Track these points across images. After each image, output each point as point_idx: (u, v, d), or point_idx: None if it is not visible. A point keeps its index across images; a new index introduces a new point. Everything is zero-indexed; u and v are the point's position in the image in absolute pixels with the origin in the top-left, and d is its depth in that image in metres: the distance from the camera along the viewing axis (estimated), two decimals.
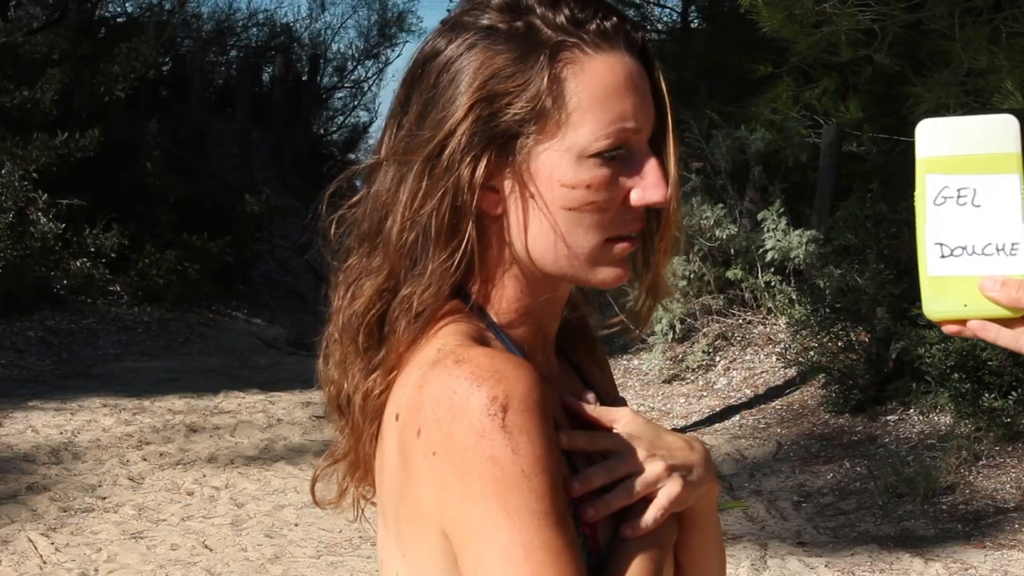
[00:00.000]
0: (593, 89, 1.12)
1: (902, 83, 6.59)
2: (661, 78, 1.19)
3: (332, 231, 1.21)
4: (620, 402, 1.30)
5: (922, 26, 6.17)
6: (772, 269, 8.42)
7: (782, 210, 8.31)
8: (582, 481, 1.12)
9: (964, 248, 1.09)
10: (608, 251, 1.16)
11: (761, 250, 8.32)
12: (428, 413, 1.06)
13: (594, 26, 1.13)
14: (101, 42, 11.74)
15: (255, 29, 19.99)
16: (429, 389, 1.06)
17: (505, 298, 1.19)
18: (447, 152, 1.12)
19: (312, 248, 1.26)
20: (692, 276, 8.52)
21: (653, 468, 1.15)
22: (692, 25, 15.54)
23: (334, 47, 21.27)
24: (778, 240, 8.17)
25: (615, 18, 1.15)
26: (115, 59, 10.89)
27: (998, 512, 5.68)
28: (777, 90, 9.21)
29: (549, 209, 1.14)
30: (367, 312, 1.17)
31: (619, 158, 1.14)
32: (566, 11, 1.13)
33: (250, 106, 14.96)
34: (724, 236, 8.51)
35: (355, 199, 1.21)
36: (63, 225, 9.79)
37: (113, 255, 10.24)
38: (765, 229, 8.30)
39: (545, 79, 1.12)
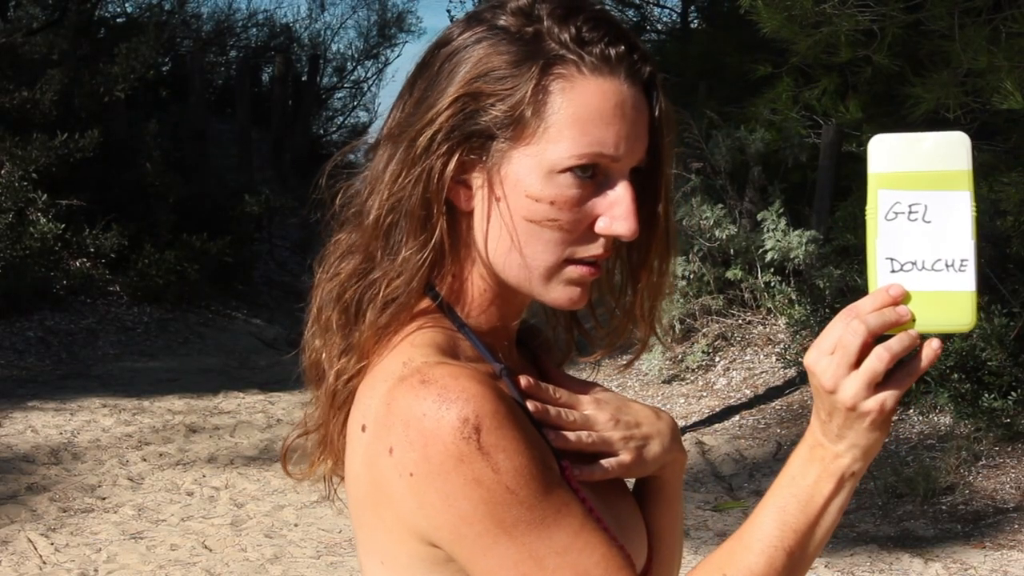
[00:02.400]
0: (577, 108, 1.12)
1: (902, 83, 6.59)
2: (663, 115, 1.18)
3: (337, 201, 1.22)
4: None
5: (921, 26, 6.17)
6: (772, 269, 8.42)
7: (782, 210, 8.31)
8: (557, 441, 1.15)
9: (914, 263, 1.09)
10: (565, 271, 1.16)
11: (761, 250, 8.32)
12: (399, 434, 1.06)
13: (598, 49, 1.13)
14: (101, 42, 11.74)
15: (255, 29, 19.99)
16: (397, 408, 1.07)
17: (473, 295, 1.19)
18: (424, 140, 1.13)
19: (317, 249, 1.26)
20: (692, 276, 8.52)
21: (612, 433, 1.19)
22: (692, 25, 15.54)
23: (334, 47, 21.30)
24: (778, 240, 8.17)
25: (623, 46, 1.14)
26: (115, 59, 10.89)
27: (998, 512, 5.68)
28: (777, 90, 9.22)
29: (511, 216, 1.14)
30: (343, 291, 1.18)
31: (593, 182, 1.14)
32: (573, 28, 1.13)
33: (250, 106, 14.95)
34: (724, 236, 8.51)
35: (359, 172, 1.23)
36: (63, 225, 9.78)
37: (113, 255, 10.24)
38: (765, 229, 8.30)
39: (531, 88, 1.12)
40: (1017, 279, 6.67)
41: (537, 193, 1.13)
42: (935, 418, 6.63)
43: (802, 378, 7.59)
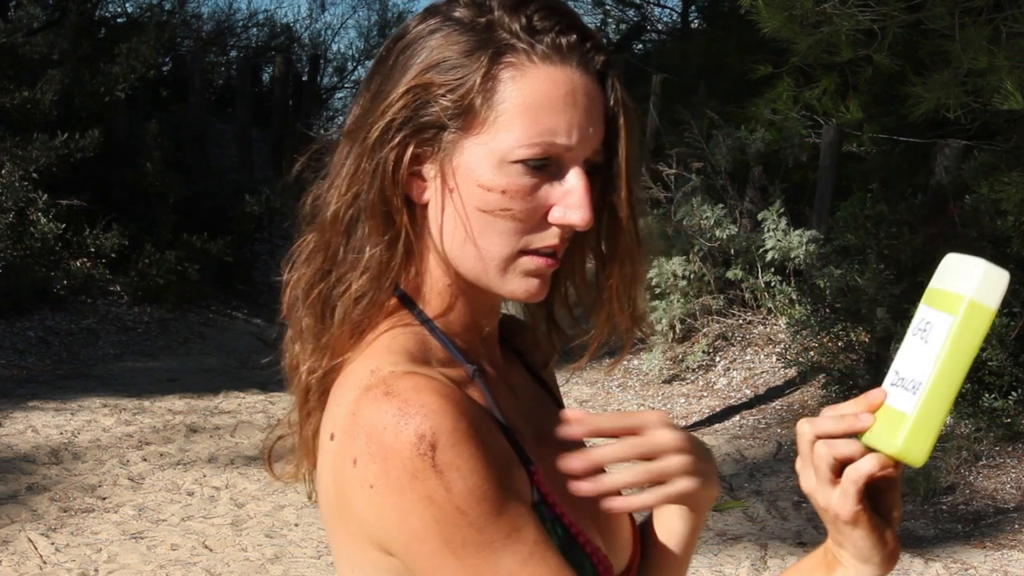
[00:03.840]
0: (528, 97, 1.11)
1: (902, 83, 6.59)
2: (620, 105, 1.16)
3: (306, 202, 1.22)
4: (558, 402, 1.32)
5: (922, 26, 6.17)
6: (772, 269, 8.42)
7: (782, 210, 8.30)
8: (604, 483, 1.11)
9: (903, 379, 1.08)
10: (520, 263, 1.15)
11: (761, 250, 8.32)
12: (362, 445, 1.06)
13: (549, 38, 1.12)
14: (101, 42, 11.73)
15: (255, 29, 19.99)
16: (361, 419, 1.07)
17: (437, 291, 1.18)
18: (377, 132, 1.13)
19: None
20: (692, 276, 8.52)
21: (677, 463, 1.14)
22: (692, 25, 15.55)
23: (334, 47, 21.31)
24: (778, 240, 8.17)
25: (575, 35, 1.13)
26: (115, 59, 10.88)
27: (998, 512, 5.68)
28: (777, 90, 9.22)
29: (465, 207, 1.13)
30: (310, 291, 1.18)
31: (546, 172, 1.13)
32: (524, 17, 1.13)
33: (250, 106, 14.95)
34: (724, 236, 8.51)
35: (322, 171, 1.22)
36: (63, 225, 9.78)
37: (113, 255, 10.23)
38: (765, 229, 8.30)
39: (480, 77, 1.11)
40: (1017, 279, 6.67)
41: (489, 183, 1.12)
42: None
43: (802, 378, 7.59)
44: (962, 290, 1.07)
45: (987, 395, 6.11)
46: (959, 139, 7.37)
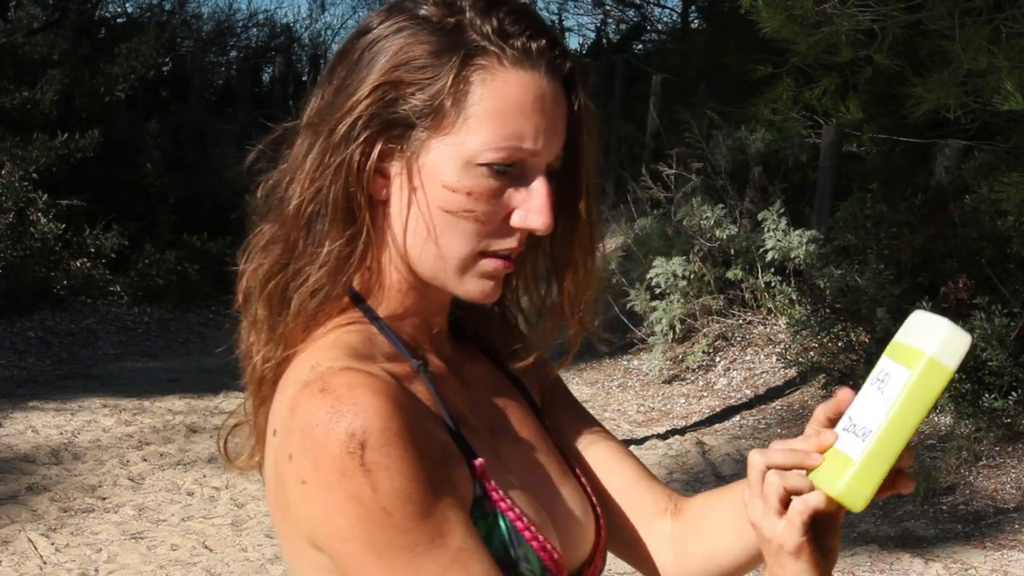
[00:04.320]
0: (497, 101, 1.12)
1: (902, 83, 6.59)
2: (583, 112, 1.18)
3: (258, 192, 1.22)
4: (553, 375, 1.34)
5: (922, 26, 6.17)
6: (772, 269, 8.42)
7: (782, 210, 8.30)
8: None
9: (855, 425, 1.10)
10: (479, 264, 1.16)
11: (761, 250, 8.32)
12: (297, 441, 1.07)
13: (519, 42, 1.13)
14: (101, 42, 11.73)
15: (255, 29, 20.01)
16: (298, 414, 1.07)
17: (389, 287, 1.19)
18: (344, 128, 1.13)
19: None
20: (692, 276, 8.52)
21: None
22: (692, 25, 15.55)
23: (334, 47, 21.26)
24: (778, 240, 8.17)
25: (544, 40, 1.14)
26: (115, 59, 10.88)
27: (998, 512, 5.68)
28: (777, 90, 9.23)
29: (428, 206, 1.13)
30: (266, 282, 1.18)
31: (510, 175, 1.13)
32: (495, 20, 1.13)
33: (250, 106, 14.95)
34: (724, 236, 8.51)
35: (279, 161, 1.22)
36: (63, 225, 9.77)
37: (113, 255, 10.23)
38: (765, 229, 8.30)
39: (451, 78, 1.11)
40: (1017, 279, 6.67)
41: (454, 184, 1.12)
42: (935, 418, 6.63)
43: (802, 378, 7.59)
44: (924, 347, 1.08)
45: (987, 395, 6.11)
46: (959, 139, 7.38)
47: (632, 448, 6.94)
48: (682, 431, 7.29)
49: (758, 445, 6.93)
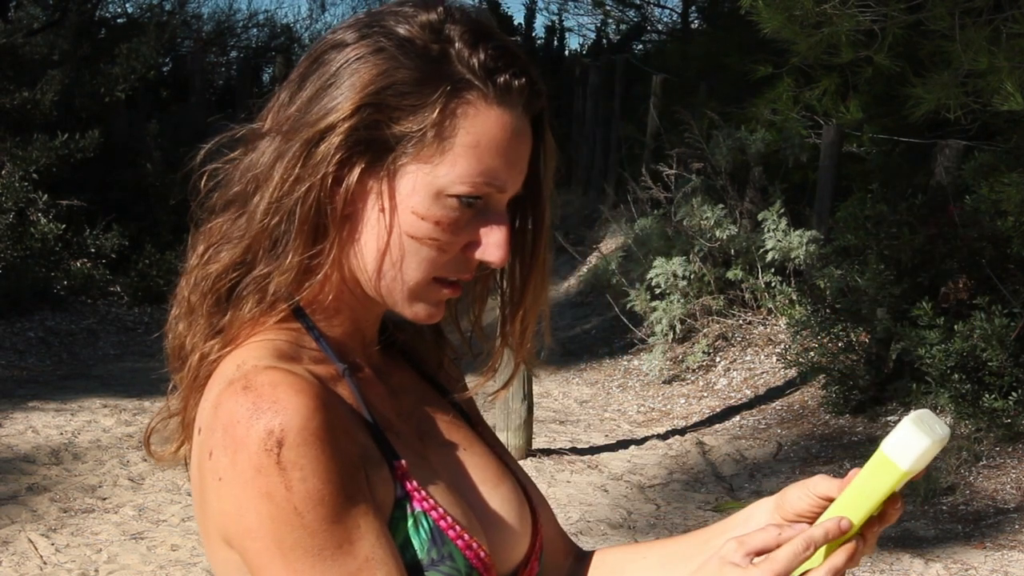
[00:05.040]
0: (478, 137, 1.13)
1: (902, 84, 6.59)
2: (546, 148, 1.20)
3: (203, 184, 1.22)
4: (462, 385, 1.35)
5: (922, 27, 6.17)
6: (772, 270, 8.42)
7: (782, 210, 8.31)
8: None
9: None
10: (430, 290, 1.17)
11: (761, 250, 8.32)
12: (218, 438, 1.07)
13: (503, 79, 1.14)
14: (101, 43, 11.73)
15: (255, 30, 19.99)
16: (221, 412, 1.07)
17: (328, 294, 1.19)
18: (323, 145, 1.13)
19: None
20: (692, 276, 8.52)
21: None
22: (692, 26, 15.56)
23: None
24: (778, 240, 8.17)
25: (525, 79, 1.15)
26: (115, 60, 10.89)
27: (998, 513, 5.68)
28: (777, 91, 9.22)
29: (393, 229, 1.14)
30: (219, 279, 1.17)
31: (475, 207, 1.15)
32: (482, 55, 1.14)
33: (250, 107, 14.95)
34: (724, 236, 8.51)
35: (231, 156, 1.21)
36: (63, 226, 9.78)
37: (113, 256, 10.23)
38: (765, 229, 8.30)
39: (438, 110, 1.12)
40: (1017, 279, 6.67)
41: (424, 212, 1.13)
42: None
43: (802, 378, 7.59)
44: (883, 443, 1.11)
45: (987, 395, 6.11)
46: (959, 139, 7.37)
47: (632, 448, 6.95)
48: (682, 431, 7.29)
49: (758, 445, 6.93)
